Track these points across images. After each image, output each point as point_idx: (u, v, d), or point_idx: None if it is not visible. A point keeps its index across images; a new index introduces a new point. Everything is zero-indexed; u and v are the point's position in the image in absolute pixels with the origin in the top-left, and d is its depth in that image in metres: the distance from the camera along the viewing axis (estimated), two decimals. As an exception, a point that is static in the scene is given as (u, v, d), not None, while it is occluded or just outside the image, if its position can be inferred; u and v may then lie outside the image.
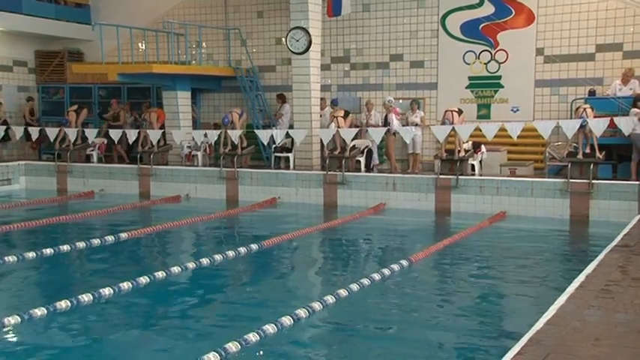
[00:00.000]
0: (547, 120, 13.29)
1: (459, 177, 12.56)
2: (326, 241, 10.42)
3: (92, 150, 16.36)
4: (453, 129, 12.78)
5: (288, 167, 14.64)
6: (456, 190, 12.51)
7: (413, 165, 14.23)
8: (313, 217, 12.43)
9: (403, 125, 13.99)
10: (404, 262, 8.19)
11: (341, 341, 6.00)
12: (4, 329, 5.77)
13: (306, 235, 10.44)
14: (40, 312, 6.11)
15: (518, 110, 14.39)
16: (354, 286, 7.04)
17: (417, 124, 14.05)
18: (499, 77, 14.60)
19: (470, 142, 13.21)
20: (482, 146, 13.24)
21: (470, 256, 9.21)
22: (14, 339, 5.77)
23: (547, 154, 13.37)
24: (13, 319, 5.89)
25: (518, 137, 12.57)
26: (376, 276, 7.53)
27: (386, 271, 7.76)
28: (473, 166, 13.16)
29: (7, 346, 5.61)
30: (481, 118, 14.58)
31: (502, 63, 14.55)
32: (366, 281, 7.29)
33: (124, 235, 9.85)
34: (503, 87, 14.58)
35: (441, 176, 12.76)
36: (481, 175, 12.95)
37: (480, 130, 12.61)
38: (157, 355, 5.61)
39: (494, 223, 11.22)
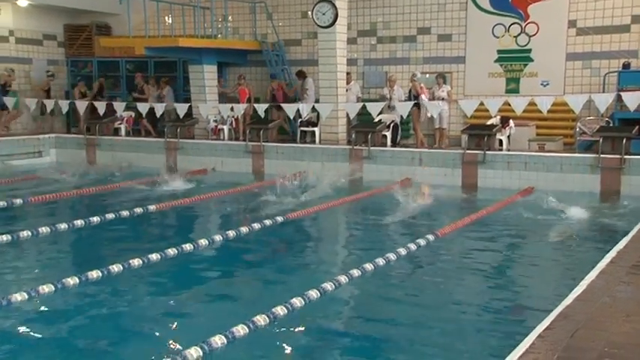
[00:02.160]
0: (578, 94, 13.04)
1: (487, 152, 12.42)
2: (351, 215, 10.42)
3: (120, 123, 16.51)
4: (482, 103, 12.62)
5: (313, 142, 14.62)
6: (483, 166, 12.38)
7: (439, 140, 14.11)
8: (338, 190, 12.42)
9: (429, 100, 13.84)
10: (430, 237, 8.17)
11: (366, 315, 6.02)
12: (37, 298, 5.89)
13: (332, 208, 10.44)
14: (72, 281, 6.23)
15: (547, 84, 14.14)
16: (380, 261, 7.05)
17: (443, 99, 13.89)
18: (529, 51, 14.33)
19: (498, 117, 13.04)
20: (511, 121, 13.06)
21: (497, 231, 9.15)
22: (46, 308, 5.90)
23: (577, 129, 13.14)
24: (47, 288, 6.02)
25: (548, 112, 12.37)
26: (402, 250, 7.52)
27: (412, 246, 7.74)
28: (501, 141, 13.00)
29: (43, 313, 5.73)
30: (510, 92, 14.35)
31: (532, 36, 14.27)
32: (392, 255, 7.28)
33: (152, 207, 9.98)
34: (532, 60, 14.31)
35: (468, 151, 12.63)
36: (509, 150, 12.79)
37: (509, 105, 12.43)
38: (193, 322, 5.69)
39: (522, 199, 11.10)
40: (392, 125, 14.16)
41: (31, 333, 5.42)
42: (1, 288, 6.27)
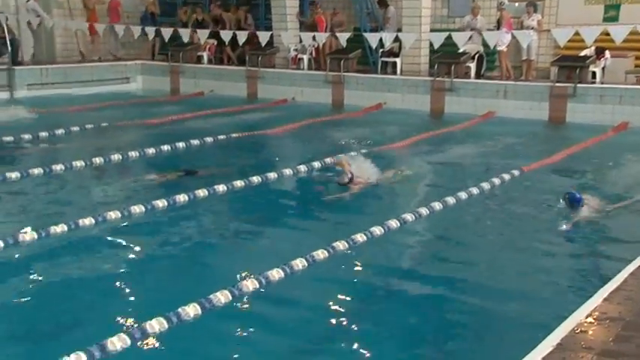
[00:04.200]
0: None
1: (578, 85, 11.83)
2: (432, 150, 10.25)
3: (203, 51, 16.70)
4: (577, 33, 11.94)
5: (394, 72, 14.34)
6: (572, 99, 11.83)
7: (526, 72, 13.52)
8: (419, 123, 12.25)
9: (518, 29, 13.20)
10: (515, 172, 7.97)
11: (444, 249, 6.00)
12: (129, 218, 6.19)
13: (412, 142, 10.32)
14: (161, 203, 6.52)
15: (651, 12, 13.12)
16: (462, 194, 6.96)
17: (533, 28, 13.21)
18: (632, -25, 13.29)
19: (592, 48, 12.32)
20: (607, 52, 12.31)
21: (586, 169, 8.80)
22: (138, 229, 6.21)
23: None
24: (138, 208, 6.33)
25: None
26: (485, 185, 7.38)
27: (496, 181, 7.59)
28: (594, 73, 12.32)
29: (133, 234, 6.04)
30: (608, 20, 13.41)
31: (636, -42, 13.20)
32: (475, 190, 7.17)
33: (234, 135, 10.17)
34: (636, -15, 13.28)
35: (557, 84, 12.07)
36: (602, 83, 12.13)
37: (607, 35, 11.68)
38: (275, 246, 5.86)
39: (616, 135, 10.58)
40: (477, 56, 13.66)
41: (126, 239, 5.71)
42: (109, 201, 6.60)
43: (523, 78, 13.34)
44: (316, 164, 8.29)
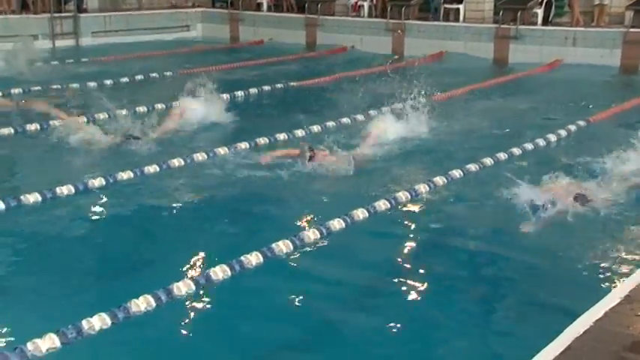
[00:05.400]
0: None
1: (655, 31, 11.21)
2: (494, 99, 9.96)
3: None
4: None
5: (457, 20, 13.89)
6: (649, 46, 11.24)
7: (598, 17, 12.86)
8: (482, 72, 11.90)
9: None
10: (581, 123, 7.69)
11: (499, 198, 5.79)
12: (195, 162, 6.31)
13: (472, 91, 10.03)
14: (223, 150, 6.65)
15: None
16: (528, 145, 6.79)
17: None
18: None
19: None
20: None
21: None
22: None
23: None
24: (201, 156, 6.45)
25: None
26: (552, 137, 7.17)
27: (562, 132, 7.36)
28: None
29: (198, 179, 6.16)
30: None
31: None
32: (541, 141, 6.98)
33: (293, 84, 10.15)
34: None
35: (632, 29, 11.46)
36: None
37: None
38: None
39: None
40: (544, 1, 13.06)
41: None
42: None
43: (594, 24, 12.72)
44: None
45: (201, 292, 4.02)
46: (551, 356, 2.67)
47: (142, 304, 3.76)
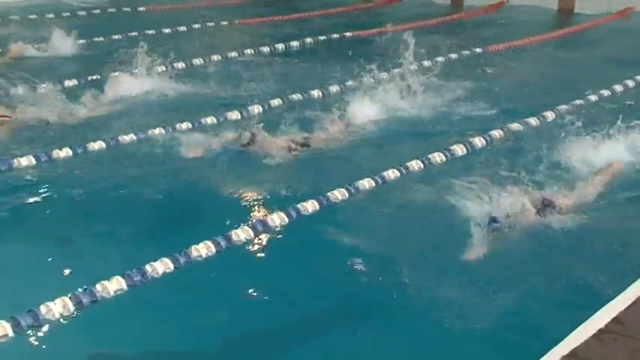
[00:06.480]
0: None
1: None
2: (558, 50, 9.57)
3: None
4: None
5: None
6: None
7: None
8: (545, 22, 11.42)
9: None
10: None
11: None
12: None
13: (535, 43, 9.62)
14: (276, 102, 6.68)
15: None
16: (592, 97, 6.53)
17: None
18: None
19: None
20: None
21: None
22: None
23: None
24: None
25: None
26: (618, 87, 6.87)
27: (629, 83, 7.04)
28: None
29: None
30: None
31: None
32: (606, 92, 6.71)
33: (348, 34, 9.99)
34: None
35: None
36: None
37: None
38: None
39: None
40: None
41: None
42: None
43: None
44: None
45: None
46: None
47: (203, 249, 3.88)
